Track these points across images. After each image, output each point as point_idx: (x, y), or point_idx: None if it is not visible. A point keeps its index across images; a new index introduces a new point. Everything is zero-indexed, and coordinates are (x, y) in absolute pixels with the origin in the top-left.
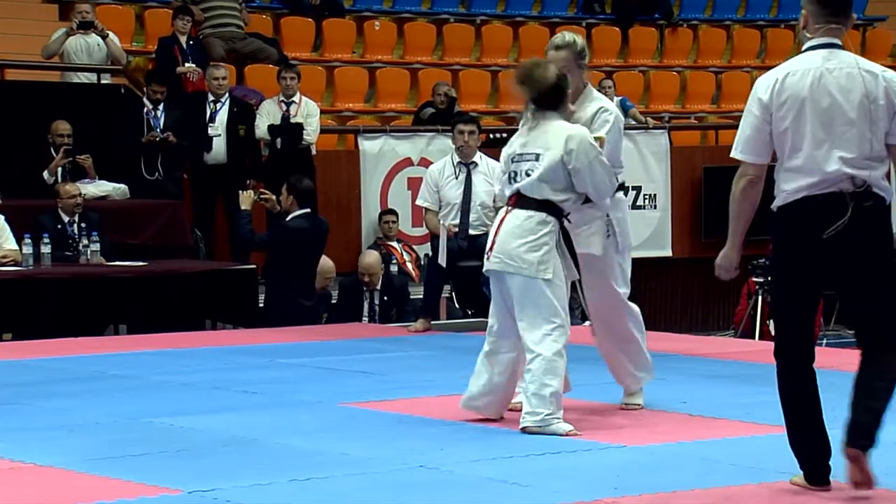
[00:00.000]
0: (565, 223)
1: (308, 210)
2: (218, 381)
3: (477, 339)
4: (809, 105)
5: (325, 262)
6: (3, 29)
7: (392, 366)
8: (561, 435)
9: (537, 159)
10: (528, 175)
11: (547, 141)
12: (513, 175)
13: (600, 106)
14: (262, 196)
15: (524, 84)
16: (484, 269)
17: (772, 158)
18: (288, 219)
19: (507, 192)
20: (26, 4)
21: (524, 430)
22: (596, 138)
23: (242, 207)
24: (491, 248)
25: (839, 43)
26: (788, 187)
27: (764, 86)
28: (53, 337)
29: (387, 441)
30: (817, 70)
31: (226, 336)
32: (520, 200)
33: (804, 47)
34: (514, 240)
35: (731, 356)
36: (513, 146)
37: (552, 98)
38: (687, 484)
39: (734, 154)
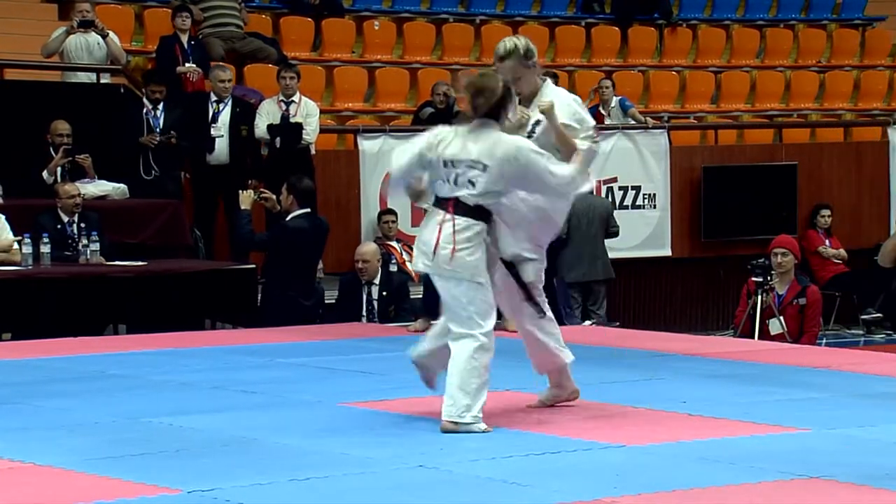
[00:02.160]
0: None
1: (308, 210)
2: (217, 381)
3: None
4: None
5: None
6: (2, 28)
7: (392, 366)
8: (477, 432)
9: (484, 170)
10: (471, 183)
11: (491, 151)
12: (453, 178)
13: (568, 98)
14: (262, 196)
15: (474, 95)
16: (418, 269)
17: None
18: (288, 218)
19: (443, 194)
20: (26, 4)
21: (443, 428)
22: (564, 125)
23: (242, 207)
24: (434, 251)
25: None
26: None
27: None
28: (53, 336)
29: (386, 441)
30: None
31: (225, 336)
32: (458, 207)
33: None
34: (451, 245)
35: (730, 356)
36: (445, 148)
37: (497, 109)
38: (686, 483)
39: None
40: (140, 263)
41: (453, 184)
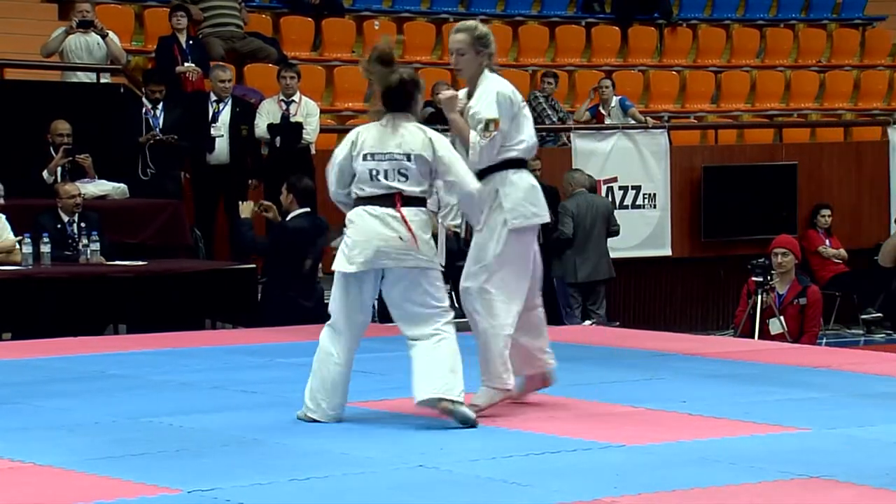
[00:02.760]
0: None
1: (308, 209)
2: (218, 381)
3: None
4: None
5: None
6: (2, 28)
7: (392, 365)
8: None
9: (409, 159)
10: (403, 175)
11: (410, 142)
12: (375, 173)
13: (492, 89)
14: (262, 207)
15: (382, 92)
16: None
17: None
18: (288, 218)
19: (377, 190)
20: (26, 4)
21: (443, 408)
22: (490, 120)
23: (242, 216)
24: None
25: None
26: None
27: None
28: (53, 336)
29: (386, 441)
30: None
31: (225, 336)
32: (405, 200)
33: None
34: (427, 235)
35: (730, 356)
36: (362, 144)
37: (400, 99)
38: (686, 483)
39: None
40: (140, 263)
41: (378, 177)
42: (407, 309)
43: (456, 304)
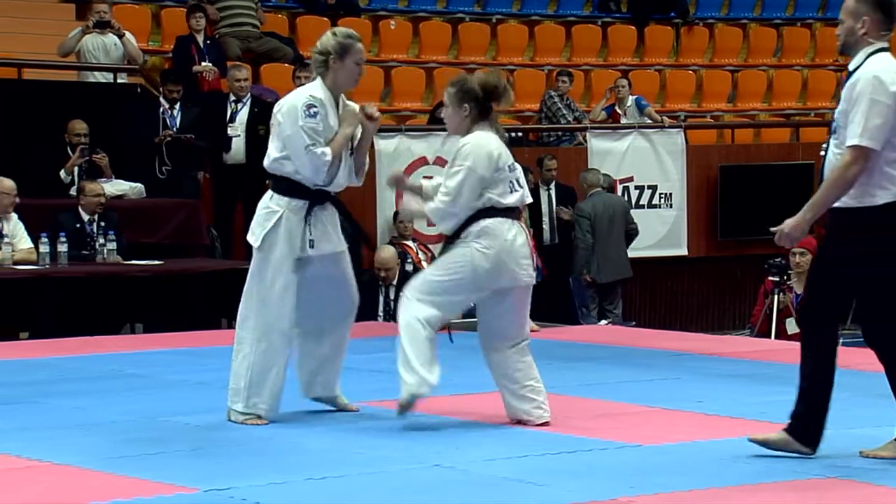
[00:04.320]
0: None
1: None
2: None
3: None
4: None
5: None
6: (20, 28)
7: None
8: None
9: (513, 169)
10: (520, 185)
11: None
12: (515, 182)
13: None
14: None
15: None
16: (530, 282)
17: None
18: None
19: (512, 201)
20: (43, 4)
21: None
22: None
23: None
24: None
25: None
26: None
27: (891, 79)
28: (70, 336)
29: (402, 440)
30: None
31: None
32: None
33: (871, 50)
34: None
35: (747, 356)
36: (501, 155)
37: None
38: (703, 483)
39: (859, 141)
40: (157, 263)
41: (515, 188)
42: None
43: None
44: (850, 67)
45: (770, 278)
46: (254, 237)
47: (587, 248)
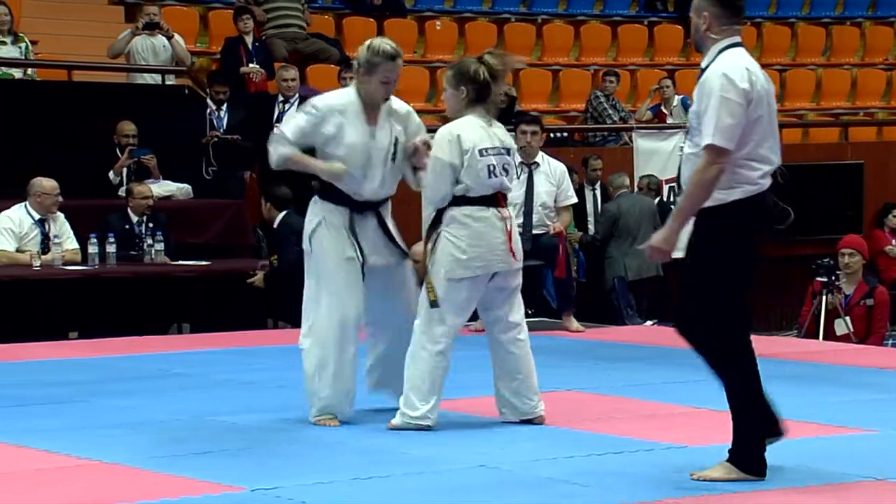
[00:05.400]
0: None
1: (287, 210)
2: (280, 380)
3: (536, 339)
4: (767, 98)
5: None
6: (70, 30)
7: (451, 364)
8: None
9: (508, 153)
10: (505, 170)
11: (503, 136)
12: (492, 168)
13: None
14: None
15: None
16: (504, 268)
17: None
18: (277, 222)
19: (491, 190)
20: (93, 6)
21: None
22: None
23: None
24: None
25: (742, 43)
26: (755, 176)
27: (740, 76)
28: (118, 335)
29: (448, 440)
30: (754, 66)
31: (287, 335)
32: (503, 199)
33: (721, 46)
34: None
35: (795, 356)
36: (467, 140)
37: (489, 89)
38: (749, 485)
39: (712, 141)
40: (204, 263)
41: (494, 174)
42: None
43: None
44: (702, 65)
45: (818, 279)
46: (304, 242)
47: (591, 240)
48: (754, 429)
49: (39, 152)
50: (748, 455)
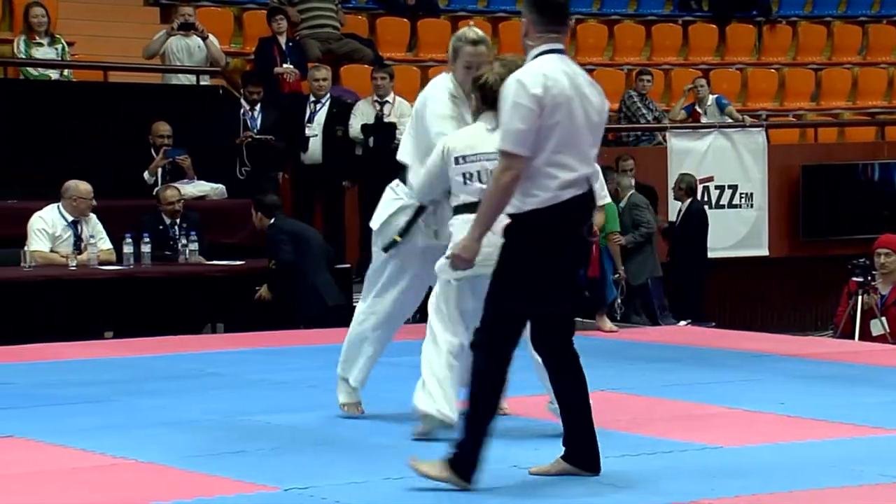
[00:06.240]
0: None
1: (274, 218)
2: (313, 380)
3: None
4: (568, 105)
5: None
6: (105, 32)
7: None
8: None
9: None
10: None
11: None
12: (469, 176)
13: None
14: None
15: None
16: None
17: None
18: (268, 227)
19: (475, 197)
20: (129, 7)
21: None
22: None
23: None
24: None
25: (564, 49)
26: (553, 184)
27: (533, 81)
28: (152, 335)
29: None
30: (566, 72)
31: (321, 335)
32: None
33: (535, 52)
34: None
35: (830, 357)
36: (454, 149)
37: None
38: (785, 486)
39: (503, 146)
40: (237, 263)
41: (468, 181)
42: None
43: None
44: None
45: (854, 279)
46: (374, 221)
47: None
48: (476, 433)
49: (75, 153)
50: (462, 457)
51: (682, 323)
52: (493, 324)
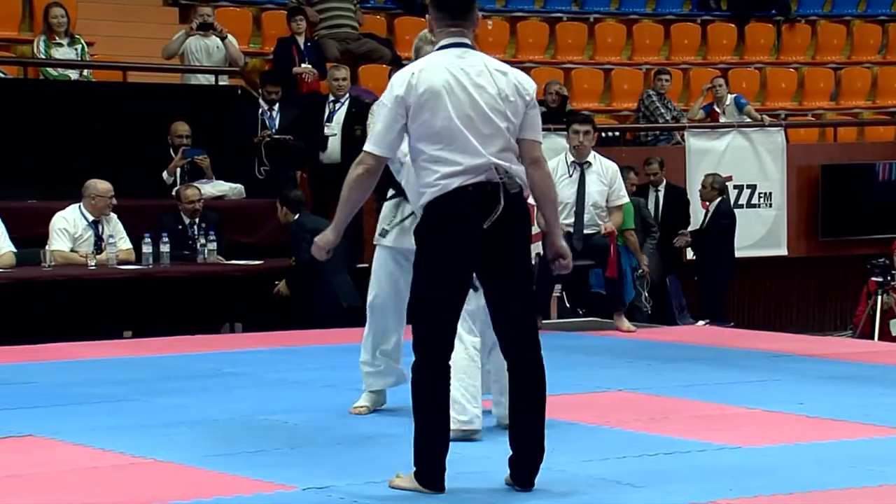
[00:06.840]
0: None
1: (299, 213)
2: (331, 379)
3: (587, 339)
4: (438, 101)
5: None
6: (124, 32)
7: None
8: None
9: None
10: None
11: None
12: None
13: None
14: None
15: None
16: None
17: None
18: (292, 223)
19: None
20: (148, 7)
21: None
22: None
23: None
24: None
25: (468, 42)
26: (434, 178)
27: (399, 81)
28: (171, 334)
29: (498, 439)
30: (451, 66)
31: (339, 334)
32: None
33: (437, 47)
34: None
35: (849, 357)
36: None
37: None
38: (804, 486)
39: (365, 145)
40: (256, 262)
41: None
42: None
43: (567, 305)
44: None
45: (873, 279)
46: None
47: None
48: (428, 436)
49: (94, 153)
50: (422, 466)
51: (701, 323)
52: (414, 332)
